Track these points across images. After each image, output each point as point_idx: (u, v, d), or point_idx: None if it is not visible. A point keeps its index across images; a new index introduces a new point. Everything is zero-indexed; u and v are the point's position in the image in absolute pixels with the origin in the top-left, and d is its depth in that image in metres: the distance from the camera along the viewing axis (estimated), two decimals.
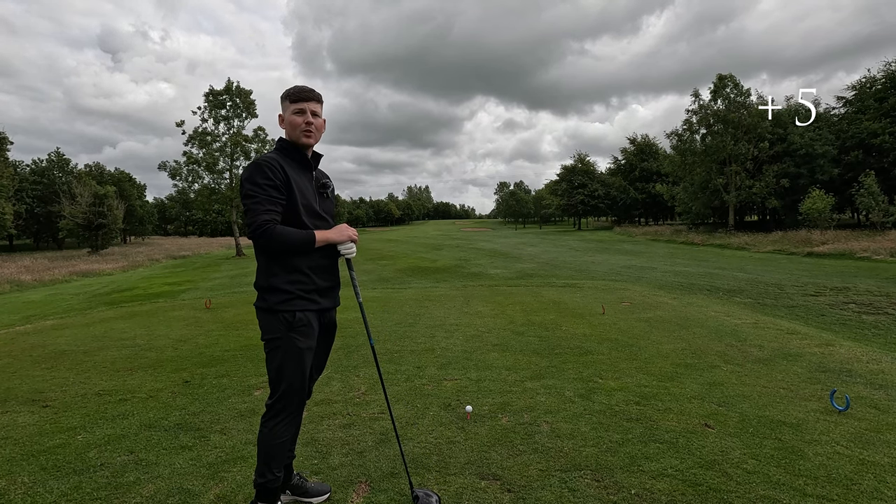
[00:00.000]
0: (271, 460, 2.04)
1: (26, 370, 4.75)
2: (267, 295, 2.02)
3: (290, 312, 2.01)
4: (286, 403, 2.06)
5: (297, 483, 2.27)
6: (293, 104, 2.08)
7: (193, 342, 5.74)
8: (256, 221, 1.89)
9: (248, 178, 1.95)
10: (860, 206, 29.42)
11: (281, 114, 2.14)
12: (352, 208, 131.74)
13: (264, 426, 2.06)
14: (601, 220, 79.26)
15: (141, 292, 16.02)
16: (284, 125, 2.13)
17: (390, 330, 6.02)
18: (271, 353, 2.04)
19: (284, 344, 2.02)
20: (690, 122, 39.97)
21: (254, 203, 1.91)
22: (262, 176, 1.94)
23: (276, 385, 2.05)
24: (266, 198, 1.92)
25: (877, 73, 33.08)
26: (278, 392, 2.05)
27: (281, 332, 2.00)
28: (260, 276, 2.06)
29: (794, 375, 3.95)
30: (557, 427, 2.99)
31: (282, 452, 2.07)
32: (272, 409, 2.06)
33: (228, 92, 34.60)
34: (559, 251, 26.32)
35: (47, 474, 2.56)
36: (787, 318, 7.20)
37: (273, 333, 2.02)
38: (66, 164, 55.59)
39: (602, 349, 4.86)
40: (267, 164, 1.97)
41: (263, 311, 2.04)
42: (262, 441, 2.05)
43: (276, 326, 2.01)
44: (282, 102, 2.13)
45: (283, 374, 2.03)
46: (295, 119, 2.07)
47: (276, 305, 2.00)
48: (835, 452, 2.60)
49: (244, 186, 1.95)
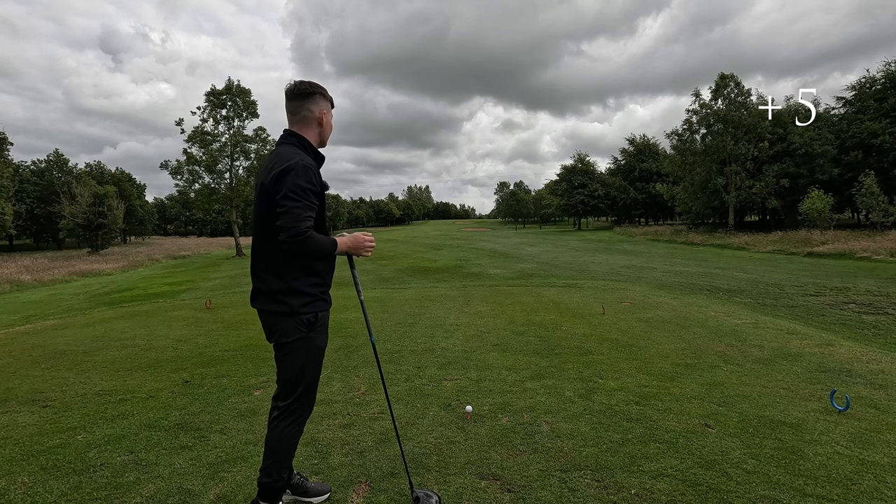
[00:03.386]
0: (281, 461, 2.04)
1: (26, 370, 4.75)
2: (287, 298, 2.00)
3: (314, 314, 2.05)
4: (302, 403, 2.08)
5: (298, 482, 2.27)
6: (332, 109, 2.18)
7: (193, 342, 5.74)
8: (299, 227, 1.86)
9: (294, 179, 1.90)
10: (860, 206, 29.43)
11: (325, 112, 2.14)
12: (352, 208, 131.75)
13: (277, 427, 2.05)
14: (601, 220, 79.22)
15: (141, 292, 16.02)
16: (323, 126, 2.14)
17: (390, 330, 6.02)
18: (292, 354, 2.03)
19: (307, 344, 2.04)
20: (690, 121, 39.98)
21: (297, 207, 1.88)
22: (307, 180, 1.93)
23: (294, 386, 2.05)
24: (307, 203, 1.91)
25: (876, 73, 33.13)
26: (296, 393, 2.05)
27: (303, 332, 2.02)
28: (275, 280, 2.01)
29: (794, 375, 3.95)
30: (557, 427, 2.99)
31: (292, 453, 2.09)
32: (288, 410, 2.06)
33: (229, 91, 34.60)
34: (559, 251, 26.32)
35: (47, 474, 2.56)
36: (787, 318, 7.19)
37: (295, 335, 2.02)
38: (65, 164, 55.57)
39: (602, 349, 4.86)
40: (312, 168, 1.98)
41: (283, 315, 2.01)
42: (273, 441, 2.04)
43: (297, 328, 2.01)
44: (321, 100, 2.13)
45: (304, 374, 2.05)
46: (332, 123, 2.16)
47: (300, 308, 2.01)
48: (835, 452, 2.60)
49: (289, 186, 1.88)
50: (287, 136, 2.12)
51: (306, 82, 2.11)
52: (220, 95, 34.48)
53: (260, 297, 2.07)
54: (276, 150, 2.09)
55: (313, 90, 2.11)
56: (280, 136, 2.17)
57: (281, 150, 2.05)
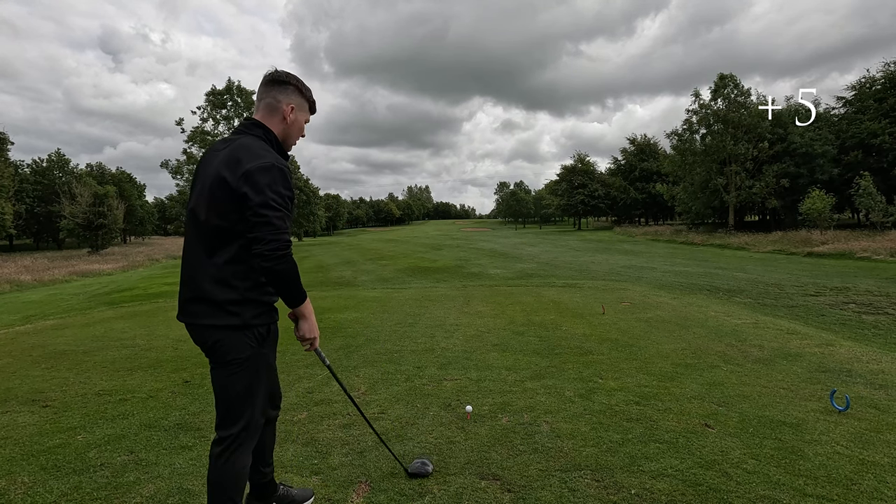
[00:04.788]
0: (237, 491, 1.77)
1: (26, 370, 4.75)
2: (240, 308, 1.72)
3: (266, 326, 1.80)
4: (252, 431, 1.80)
5: (284, 493, 2.17)
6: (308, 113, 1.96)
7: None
8: (282, 239, 1.62)
9: (274, 184, 1.64)
10: (859, 207, 29.42)
11: (293, 107, 1.87)
12: (352, 208, 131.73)
13: (226, 463, 1.74)
14: (601, 220, 79.25)
15: (141, 292, 16.01)
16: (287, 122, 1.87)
17: (390, 330, 6.02)
18: (235, 375, 1.75)
19: (255, 363, 1.77)
20: (690, 121, 39.99)
21: (278, 218, 1.62)
22: (286, 186, 1.68)
23: (239, 412, 1.76)
24: (287, 214, 1.66)
25: (876, 73, 33.14)
26: (243, 420, 1.76)
27: (252, 349, 1.76)
28: (224, 289, 1.70)
29: (794, 375, 3.95)
30: (557, 427, 2.99)
31: (246, 477, 1.83)
32: (237, 441, 1.76)
33: (230, 91, 34.63)
34: (559, 251, 26.32)
35: (47, 474, 2.55)
36: (787, 318, 7.19)
37: (241, 353, 1.73)
38: (66, 164, 55.59)
39: (602, 349, 4.86)
40: (288, 171, 1.71)
41: (232, 328, 1.71)
42: (221, 476, 1.74)
43: (245, 344, 1.74)
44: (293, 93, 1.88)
45: (250, 397, 1.78)
46: (302, 125, 1.94)
47: (252, 320, 1.74)
48: (835, 452, 2.60)
49: (269, 192, 1.62)
50: (251, 125, 1.83)
51: (284, 71, 1.88)
52: (220, 95, 34.52)
53: (198, 307, 1.73)
54: (239, 140, 1.76)
55: (287, 80, 1.87)
56: (241, 124, 1.87)
57: (246, 141, 1.74)
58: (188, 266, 1.77)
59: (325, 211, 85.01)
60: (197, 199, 1.76)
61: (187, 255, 1.79)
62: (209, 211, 1.70)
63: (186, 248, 1.80)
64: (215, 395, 1.81)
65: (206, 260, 1.72)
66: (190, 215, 1.79)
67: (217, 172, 1.69)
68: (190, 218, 1.79)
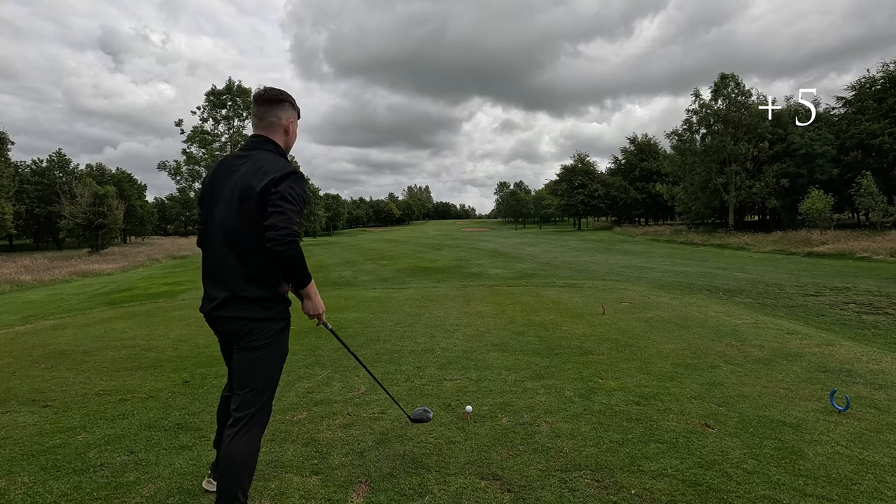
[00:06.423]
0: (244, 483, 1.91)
1: (26, 370, 4.75)
2: (275, 304, 2.00)
3: (287, 319, 2.09)
4: (266, 412, 2.03)
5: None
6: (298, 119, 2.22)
7: (193, 342, 5.74)
8: (292, 229, 1.83)
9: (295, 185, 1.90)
10: (859, 207, 29.43)
11: (292, 121, 2.16)
12: (352, 208, 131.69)
13: (241, 441, 1.90)
14: (601, 220, 79.26)
15: (141, 292, 16.01)
16: (288, 134, 2.15)
17: (390, 330, 6.01)
18: (264, 357, 1.98)
19: (280, 345, 2.04)
20: (690, 121, 40.00)
21: (292, 210, 1.85)
22: (303, 189, 1.95)
23: (262, 393, 1.99)
24: (300, 210, 1.91)
25: (876, 73, 33.14)
26: (263, 399, 1.99)
27: (275, 335, 2.02)
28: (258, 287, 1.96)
29: (794, 375, 3.95)
30: (557, 427, 2.99)
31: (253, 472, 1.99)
32: (253, 420, 1.95)
33: (230, 91, 34.65)
34: (559, 251, 26.32)
35: (47, 474, 2.55)
36: (787, 318, 7.19)
37: (270, 338, 2.00)
38: (66, 164, 55.57)
39: (602, 349, 4.86)
40: (305, 180, 2.00)
41: (266, 321, 1.98)
42: (237, 459, 1.89)
43: (272, 331, 2.00)
44: (289, 108, 2.15)
45: (273, 378, 2.03)
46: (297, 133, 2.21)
47: (282, 314, 2.04)
48: (835, 452, 2.60)
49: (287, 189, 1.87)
50: (262, 141, 2.08)
51: (276, 89, 2.11)
52: (220, 95, 34.53)
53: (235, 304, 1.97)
54: (257, 154, 2.02)
55: (282, 98, 2.12)
56: (253, 140, 2.11)
57: (264, 155, 2.01)
58: (218, 270, 2.01)
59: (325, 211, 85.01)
60: (225, 210, 1.98)
61: (215, 261, 2.02)
62: (240, 219, 1.93)
63: (213, 255, 2.03)
64: (237, 376, 2.00)
65: (239, 264, 1.96)
66: (219, 227, 2.00)
67: (244, 182, 1.93)
68: (219, 228, 2.00)
